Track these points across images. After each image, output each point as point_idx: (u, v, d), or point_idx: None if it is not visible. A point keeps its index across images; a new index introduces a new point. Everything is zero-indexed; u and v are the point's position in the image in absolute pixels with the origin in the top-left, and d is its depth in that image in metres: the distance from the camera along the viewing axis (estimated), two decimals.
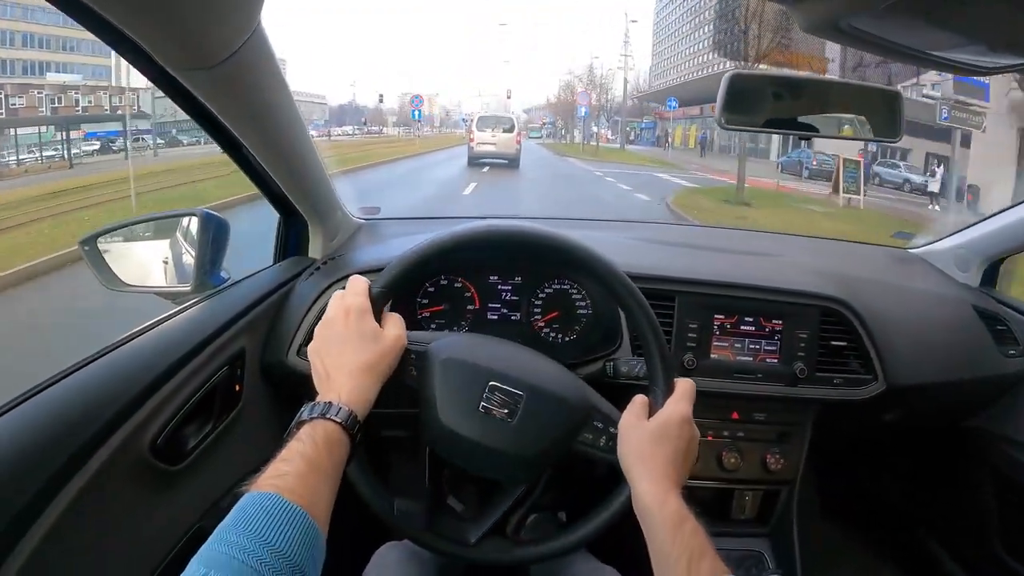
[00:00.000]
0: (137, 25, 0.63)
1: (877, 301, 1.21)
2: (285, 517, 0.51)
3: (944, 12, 0.45)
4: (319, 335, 0.71)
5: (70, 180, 11.13)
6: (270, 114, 0.91)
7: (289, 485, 0.53)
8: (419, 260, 0.76)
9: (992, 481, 1.39)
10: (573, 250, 0.78)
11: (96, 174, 12.22)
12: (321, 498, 0.56)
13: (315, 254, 1.28)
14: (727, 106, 0.85)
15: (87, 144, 17.83)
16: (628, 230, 1.64)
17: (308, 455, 0.57)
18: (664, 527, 0.65)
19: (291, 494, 0.52)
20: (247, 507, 0.51)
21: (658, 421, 0.72)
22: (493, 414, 0.73)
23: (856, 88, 0.96)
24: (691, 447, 0.72)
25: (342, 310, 0.70)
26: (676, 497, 0.67)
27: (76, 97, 20.52)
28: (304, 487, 0.54)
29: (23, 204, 8.44)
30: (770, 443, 1.20)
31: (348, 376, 0.66)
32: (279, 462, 0.56)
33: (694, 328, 1.14)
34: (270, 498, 0.52)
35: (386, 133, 50.07)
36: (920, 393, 1.22)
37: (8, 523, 0.60)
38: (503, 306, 1.18)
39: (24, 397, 0.69)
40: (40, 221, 7.48)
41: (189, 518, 0.88)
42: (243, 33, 0.71)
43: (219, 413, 0.94)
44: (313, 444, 0.58)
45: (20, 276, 5.11)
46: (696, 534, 0.64)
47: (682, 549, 0.63)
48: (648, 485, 0.68)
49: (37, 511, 0.63)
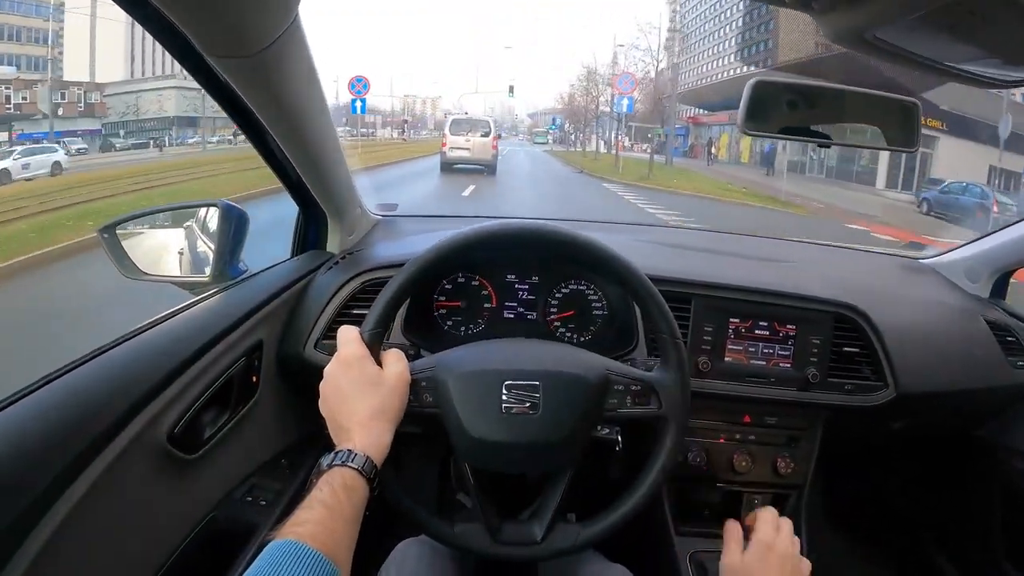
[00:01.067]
0: (180, 11, 0.64)
1: (889, 309, 1.22)
2: (307, 564, 0.53)
3: (968, 26, 0.46)
4: (324, 393, 0.73)
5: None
6: (301, 106, 0.91)
7: (310, 532, 0.55)
8: (400, 289, 0.77)
9: (999, 492, 1.39)
10: (583, 246, 0.80)
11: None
12: (341, 544, 0.58)
13: (333, 248, 1.29)
14: (749, 112, 0.86)
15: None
16: (645, 233, 1.65)
17: (328, 502, 0.60)
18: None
19: (313, 541, 0.54)
20: (271, 555, 0.54)
21: (749, 556, 0.79)
22: (516, 412, 0.74)
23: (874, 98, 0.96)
24: (782, 569, 0.79)
25: (341, 363, 0.72)
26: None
27: (7, 93, 18.75)
28: (325, 534, 0.56)
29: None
30: (780, 447, 1.20)
31: (359, 425, 0.69)
32: (301, 510, 0.59)
33: (709, 331, 1.15)
34: (293, 545, 0.54)
35: (379, 136, 46.08)
36: (930, 401, 1.23)
37: (28, 505, 0.61)
38: (519, 304, 1.19)
39: (45, 380, 0.70)
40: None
41: (204, 507, 0.89)
42: (282, 23, 0.72)
43: (235, 404, 0.95)
44: (332, 491, 0.61)
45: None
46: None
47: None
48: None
49: (57, 494, 0.64)
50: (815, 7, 0.50)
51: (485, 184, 13.73)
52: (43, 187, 11.12)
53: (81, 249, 5.75)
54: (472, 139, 15.94)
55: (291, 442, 1.12)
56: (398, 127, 51.50)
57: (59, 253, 5.91)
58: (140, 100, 25.58)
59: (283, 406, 1.10)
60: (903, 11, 0.44)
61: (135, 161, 16.41)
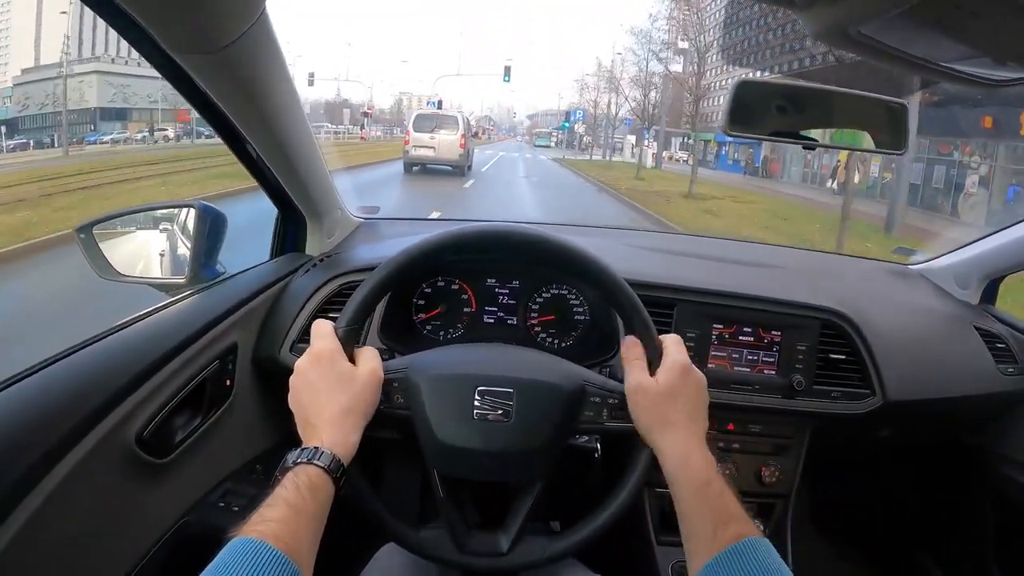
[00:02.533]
0: (140, 8, 0.63)
1: (877, 315, 1.21)
2: (268, 562, 0.52)
3: (954, 21, 0.44)
4: (294, 386, 0.71)
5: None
6: (271, 104, 0.90)
7: (273, 531, 0.54)
8: (376, 286, 0.75)
9: (989, 500, 1.38)
10: (550, 245, 0.77)
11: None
12: (304, 543, 0.57)
13: (312, 251, 1.27)
14: (732, 114, 0.85)
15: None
16: (628, 237, 1.64)
17: (291, 500, 0.58)
18: (689, 488, 0.65)
19: (275, 540, 0.54)
20: (232, 552, 0.53)
21: (664, 378, 0.71)
22: (489, 419, 0.72)
23: (863, 100, 0.95)
24: (701, 394, 0.72)
25: (313, 358, 0.71)
26: (700, 452, 0.67)
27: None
28: (287, 532, 0.55)
29: None
30: (766, 455, 1.19)
31: (328, 422, 0.67)
32: (264, 508, 0.58)
33: (692, 337, 1.13)
34: (254, 544, 0.53)
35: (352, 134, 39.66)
36: (918, 409, 1.21)
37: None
38: (500, 309, 1.18)
39: (10, 381, 0.68)
40: None
41: (175, 512, 0.88)
42: (247, 19, 0.71)
43: (208, 407, 0.94)
44: (296, 489, 0.59)
45: None
46: (722, 496, 0.63)
47: (707, 511, 0.62)
48: (670, 445, 0.68)
49: (17, 499, 0.62)
50: (797, 2, 0.49)
51: (456, 205, 10.82)
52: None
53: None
54: (438, 136, 14.60)
55: (266, 447, 1.11)
56: (358, 122, 42.03)
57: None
58: (58, 89, 21.31)
59: (258, 410, 1.08)
60: (887, 5, 0.43)
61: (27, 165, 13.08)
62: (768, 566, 0.58)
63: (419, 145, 14.54)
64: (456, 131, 14.81)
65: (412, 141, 14.62)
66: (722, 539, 0.60)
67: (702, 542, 0.61)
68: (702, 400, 0.72)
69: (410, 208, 10.19)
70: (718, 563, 0.59)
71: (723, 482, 0.64)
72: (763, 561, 0.58)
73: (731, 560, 0.58)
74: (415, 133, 14.70)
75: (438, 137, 14.61)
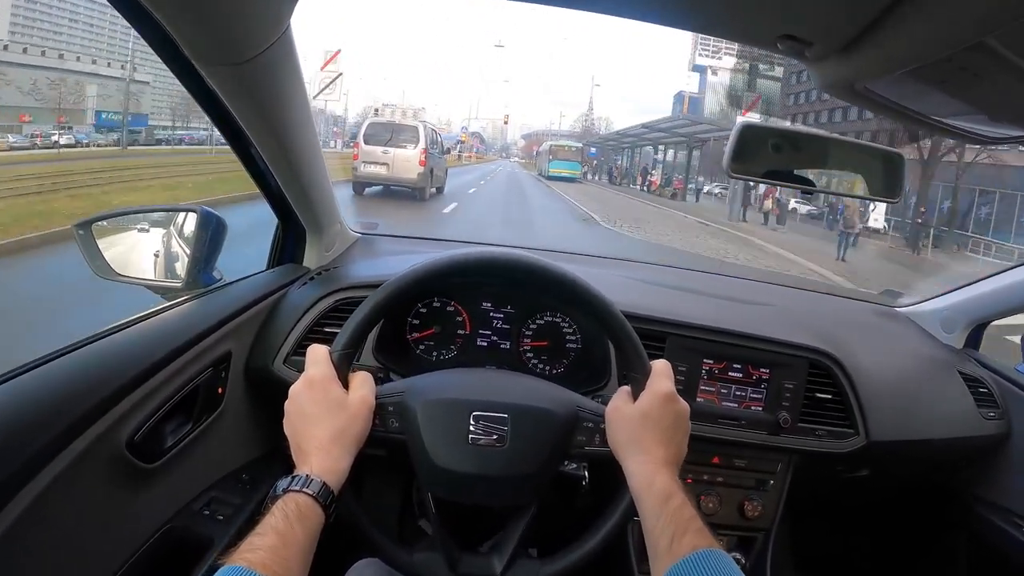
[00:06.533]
0: (171, 16, 0.64)
1: (863, 356, 1.23)
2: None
3: (958, 83, 0.46)
4: (288, 411, 0.72)
5: None
6: (286, 117, 0.91)
7: (261, 559, 0.55)
8: (373, 311, 0.76)
9: (966, 541, 1.40)
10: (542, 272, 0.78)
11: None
12: (292, 571, 0.57)
13: (310, 263, 1.28)
14: (735, 155, 0.87)
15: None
16: (624, 268, 1.65)
17: (280, 529, 0.59)
18: (651, 504, 0.66)
19: (263, 568, 0.54)
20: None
21: (642, 403, 0.73)
22: (483, 443, 0.73)
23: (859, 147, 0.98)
24: (679, 423, 0.73)
25: (306, 383, 0.71)
26: (666, 475, 0.68)
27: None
28: (275, 561, 0.55)
29: None
30: (749, 489, 1.20)
31: (318, 449, 0.68)
32: (253, 536, 0.58)
33: (683, 371, 1.14)
34: (241, 572, 0.53)
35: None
36: (900, 449, 1.23)
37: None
38: (493, 333, 1.18)
39: (3, 379, 0.68)
40: None
41: (160, 518, 0.87)
42: (273, 34, 0.72)
43: (199, 414, 0.93)
44: (285, 517, 0.60)
45: None
46: (682, 509, 0.65)
47: (666, 524, 0.63)
48: (637, 465, 0.70)
49: (7, 497, 0.62)
50: (808, 56, 0.51)
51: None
52: None
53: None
54: (393, 151, 11.06)
55: (254, 456, 1.10)
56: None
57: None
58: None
59: (248, 420, 1.08)
60: (894, 65, 0.45)
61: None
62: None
63: (369, 161, 11.07)
64: (416, 145, 11.30)
65: (361, 156, 11.12)
66: (677, 550, 0.61)
67: (661, 553, 0.63)
68: (679, 429, 0.73)
69: None
70: (675, 573, 0.60)
71: (684, 498, 0.66)
72: (720, 572, 0.59)
73: (687, 571, 0.59)
74: (365, 146, 11.15)
75: (392, 152, 11.10)
